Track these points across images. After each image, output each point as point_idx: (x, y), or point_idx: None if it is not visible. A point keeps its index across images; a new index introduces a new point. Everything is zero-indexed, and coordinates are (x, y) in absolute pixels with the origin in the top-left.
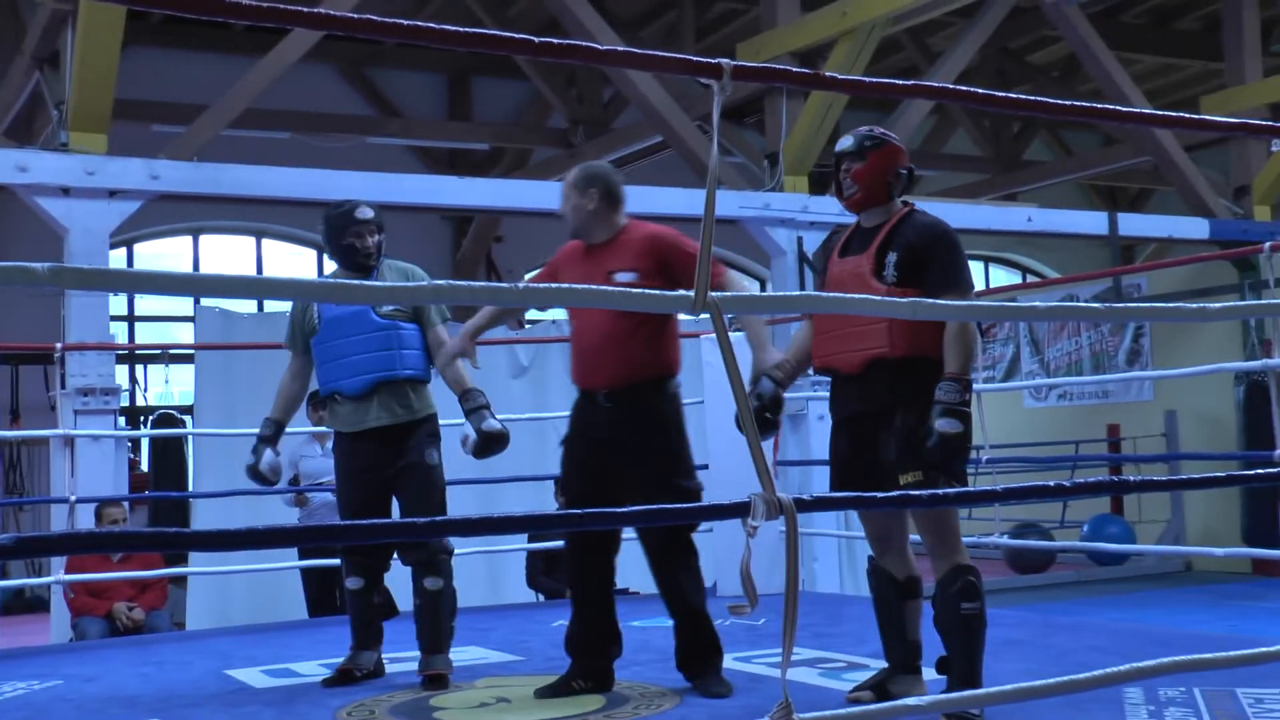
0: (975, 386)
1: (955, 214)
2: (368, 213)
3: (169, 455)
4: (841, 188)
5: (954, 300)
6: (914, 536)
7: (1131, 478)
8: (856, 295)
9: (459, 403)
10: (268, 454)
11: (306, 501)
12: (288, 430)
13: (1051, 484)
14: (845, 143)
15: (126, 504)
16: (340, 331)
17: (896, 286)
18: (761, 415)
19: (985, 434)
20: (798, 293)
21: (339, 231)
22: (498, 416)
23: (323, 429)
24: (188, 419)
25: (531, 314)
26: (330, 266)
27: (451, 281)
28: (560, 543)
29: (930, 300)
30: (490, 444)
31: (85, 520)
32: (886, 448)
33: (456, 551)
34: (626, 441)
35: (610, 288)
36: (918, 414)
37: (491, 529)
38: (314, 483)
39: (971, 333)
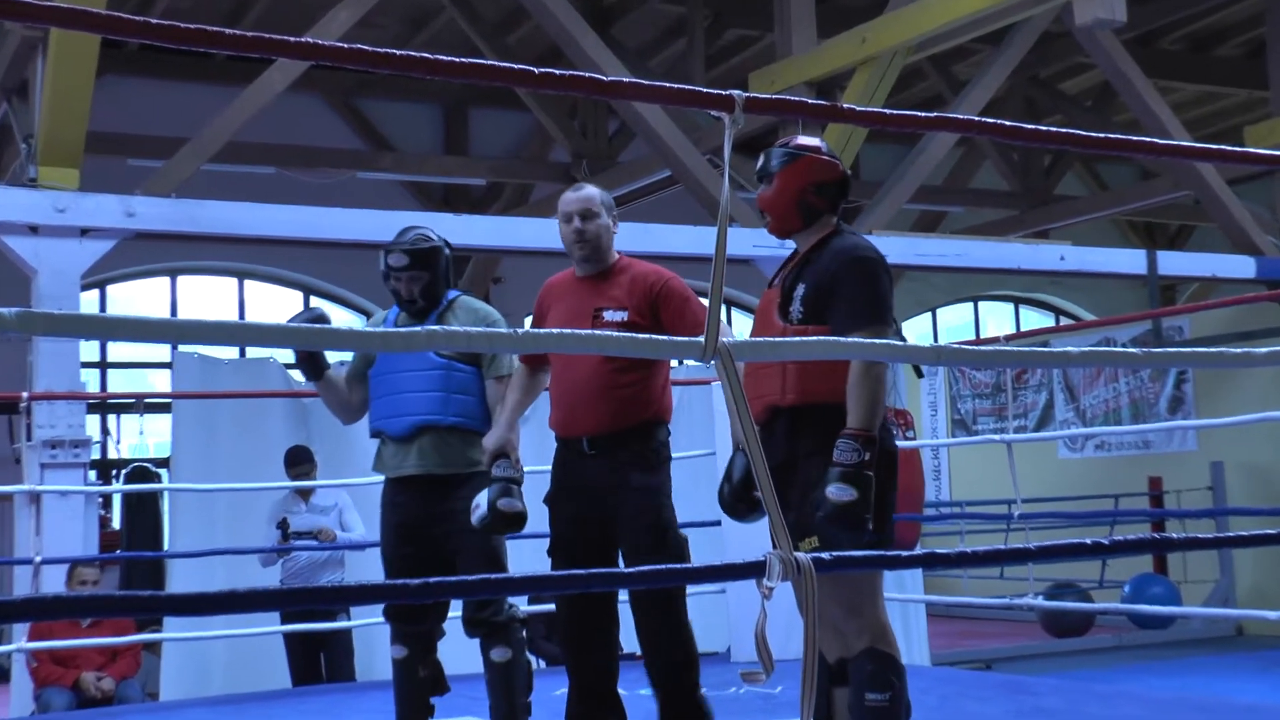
0: (1006, 437)
1: (983, 252)
2: (399, 259)
3: (143, 512)
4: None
5: (861, 339)
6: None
7: (1175, 535)
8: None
9: (485, 462)
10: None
11: (287, 554)
12: (270, 485)
13: (1089, 541)
14: (759, 162)
15: (97, 564)
16: (394, 366)
17: (800, 324)
18: (746, 496)
19: (1017, 487)
20: (812, 338)
21: (383, 277)
22: (521, 496)
23: (305, 484)
24: (163, 473)
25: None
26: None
27: (444, 327)
28: None
29: (850, 341)
30: (502, 524)
31: (51, 582)
32: (787, 510)
33: (450, 614)
34: (609, 489)
35: (615, 333)
36: (818, 471)
37: (488, 589)
38: (299, 540)
39: (878, 377)
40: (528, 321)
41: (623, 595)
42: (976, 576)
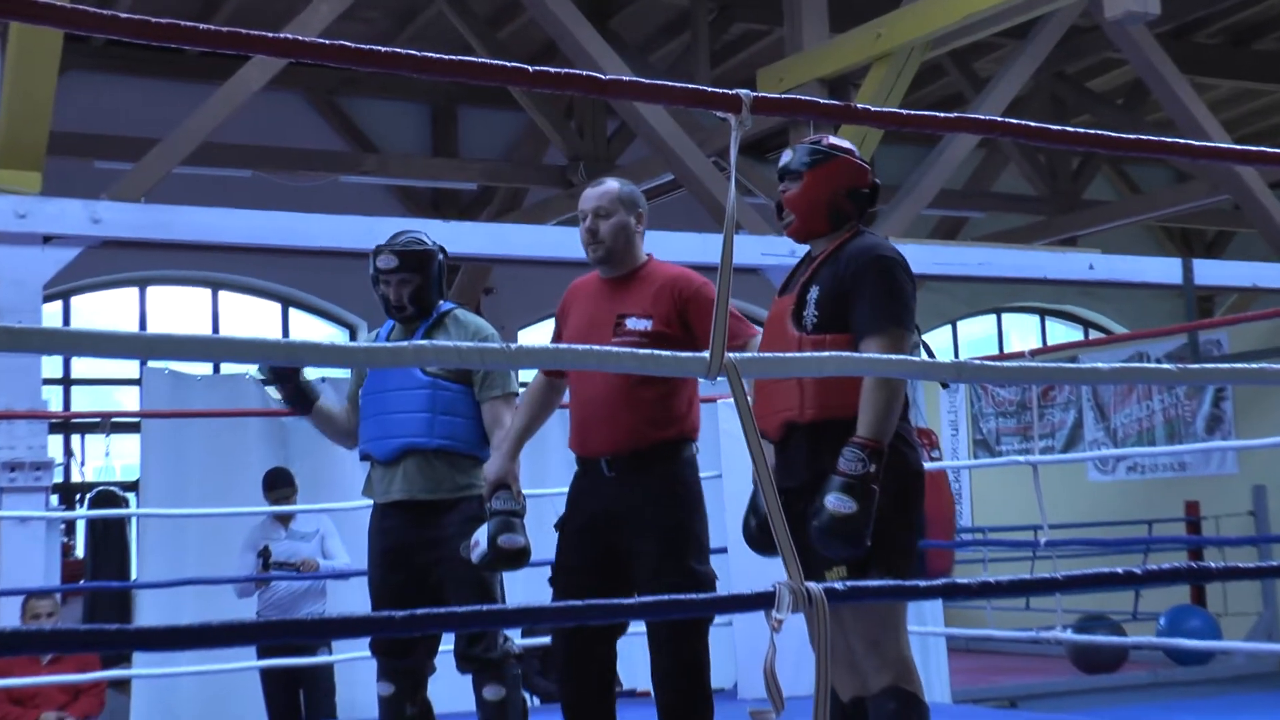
0: (1032, 458)
1: (1007, 261)
2: (388, 261)
3: (109, 539)
4: (780, 212)
5: (878, 345)
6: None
7: (1214, 564)
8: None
9: (484, 493)
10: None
11: (265, 584)
12: (246, 510)
13: (1121, 571)
14: (784, 158)
15: (58, 595)
16: (382, 384)
17: (815, 332)
18: (763, 533)
19: (1043, 512)
20: (829, 353)
21: (372, 282)
22: (523, 530)
23: (284, 509)
24: (131, 497)
25: (525, 374)
26: (297, 320)
27: (430, 342)
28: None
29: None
30: (502, 561)
31: (8, 615)
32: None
33: (441, 648)
34: (631, 515)
35: (612, 348)
36: None
37: (479, 621)
38: (279, 568)
39: (894, 387)
40: (522, 335)
41: (637, 627)
42: (1001, 608)
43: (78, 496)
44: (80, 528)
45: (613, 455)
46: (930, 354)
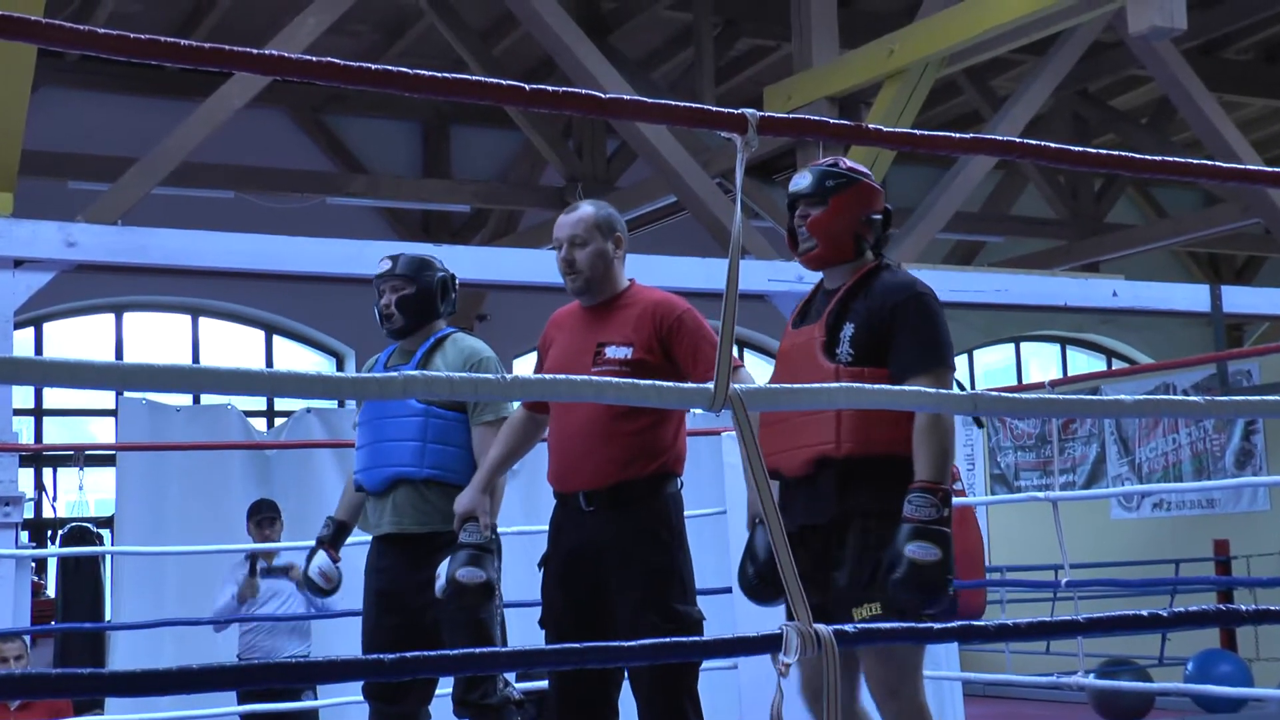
0: (1052, 494)
1: (1026, 287)
2: (384, 265)
3: (82, 577)
4: (796, 239)
5: (925, 385)
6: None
7: (1245, 606)
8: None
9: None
10: (321, 557)
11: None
12: (227, 548)
13: (1146, 613)
14: (801, 181)
15: (27, 637)
16: (377, 412)
17: (851, 366)
18: (773, 578)
19: (1064, 551)
20: (836, 384)
21: (376, 298)
22: (494, 564)
23: (268, 546)
24: (106, 533)
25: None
26: (281, 348)
27: (422, 372)
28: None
29: (920, 389)
30: (461, 597)
31: None
32: (838, 571)
33: (441, 692)
34: (609, 554)
35: (612, 379)
36: (876, 531)
37: (471, 665)
38: (269, 573)
39: (948, 426)
40: (517, 364)
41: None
42: (1020, 652)
43: (49, 533)
44: (52, 566)
45: (591, 490)
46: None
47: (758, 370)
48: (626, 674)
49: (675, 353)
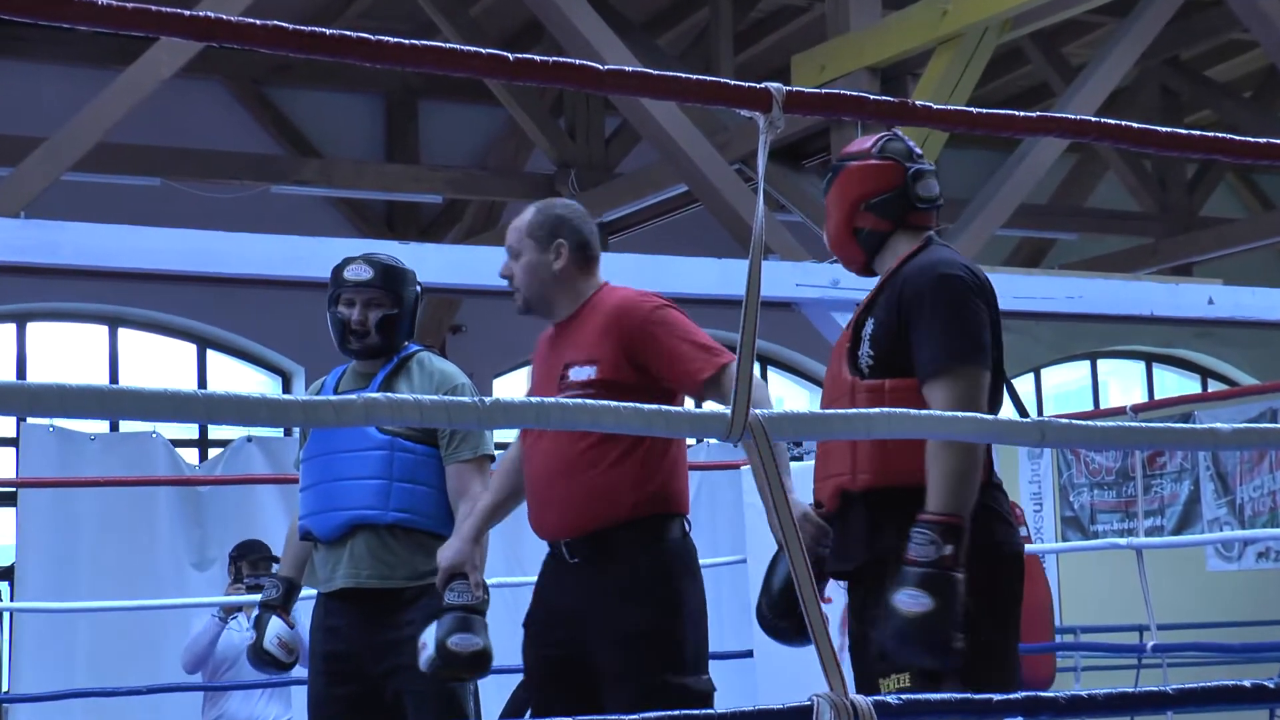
0: (1136, 541)
1: (1104, 294)
2: (361, 272)
3: None
4: None
5: (945, 396)
6: None
7: None
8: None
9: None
10: (278, 625)
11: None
12: (152, 604)
13: (1249, 684)
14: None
15: None
16: (328, 445)
17: (871, 377)
18: (792, 612)
19: (1150, 609)
20: (874, 410)
21: (329, 299)
22: (482, 629)
23: (239, 599)
24: (3, 586)
25: (501, 435)
26: (217, 365)
27: (384, 394)
28: None
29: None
30: (454, 668)
31: None
32: (875, 630)
33: None
34: (593, 615)
35: (610, 404)
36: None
37: None
38: (231, 668)
39: (967, 444)
40: (496, 385)
41: None
42: None
43: None
44: None
45: (572, 539)
46: (1017, 402)
47: (789, 393)
48: None
49: (650, 363)
